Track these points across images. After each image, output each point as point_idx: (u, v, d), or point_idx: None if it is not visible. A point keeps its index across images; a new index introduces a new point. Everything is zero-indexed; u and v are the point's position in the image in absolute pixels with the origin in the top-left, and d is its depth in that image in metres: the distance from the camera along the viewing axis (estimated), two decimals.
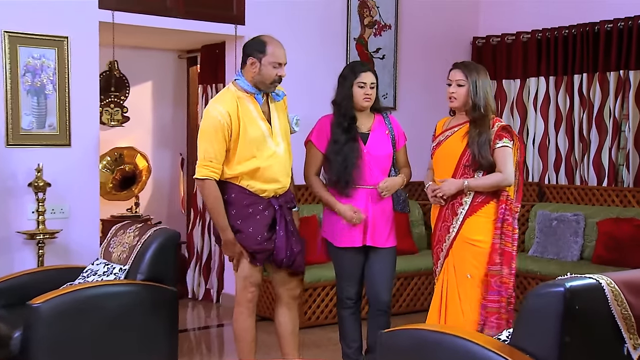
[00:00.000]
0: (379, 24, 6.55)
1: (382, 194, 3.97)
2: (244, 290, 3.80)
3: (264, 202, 3.76)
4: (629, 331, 2.64)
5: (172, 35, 5.96)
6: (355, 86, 3.98)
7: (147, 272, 3.93)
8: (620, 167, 6.19)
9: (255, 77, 3.74)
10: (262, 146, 3.74)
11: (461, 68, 3.80)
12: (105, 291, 3.86)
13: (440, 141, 3.87)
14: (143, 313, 3.87)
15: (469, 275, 3.69)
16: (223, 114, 3.67)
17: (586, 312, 2.54)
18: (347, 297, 4.09)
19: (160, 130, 7.08)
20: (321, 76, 5.94)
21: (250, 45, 3.78)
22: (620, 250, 5.64)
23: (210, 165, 3.67)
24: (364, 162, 3.96)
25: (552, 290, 2.53)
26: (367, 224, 3.98)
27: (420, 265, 6.03)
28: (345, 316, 4.12)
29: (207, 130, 3.68)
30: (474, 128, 3.74)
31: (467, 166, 3.74)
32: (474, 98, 3.73)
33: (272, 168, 3.76)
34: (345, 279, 4.08)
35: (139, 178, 6.62)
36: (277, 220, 3.77)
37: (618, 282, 2.63)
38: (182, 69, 7.07)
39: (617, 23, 6.07)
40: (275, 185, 3.79)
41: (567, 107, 6.41)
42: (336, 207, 3.97)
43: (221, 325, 5.88)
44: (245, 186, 3.74)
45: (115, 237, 4.27)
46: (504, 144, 3.72)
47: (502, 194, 3.71)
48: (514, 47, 6.80)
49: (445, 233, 3.77)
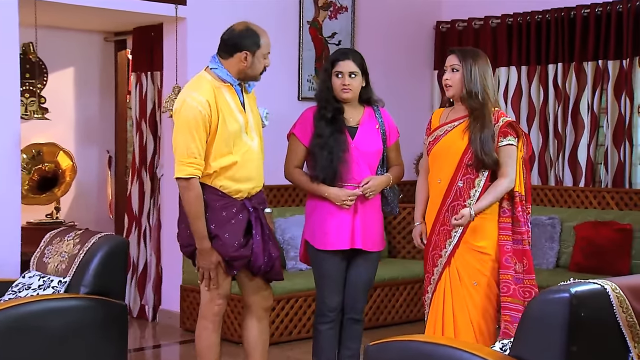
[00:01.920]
0: (335, 5, 6.71)
1: (367, 195, 4.10)
2: (210, 303, 3.87)
3: (237, 204, 3.85)
4: (634, 340, 2.85)
5: (98, 15, 5.96)
6: (333, 76, 4.11)
7: (92, 285, 3.96)
8: (598, 165, 6.48)
9: (246, 71, 3.83)
10: (238, 141, 3.83)
11: (456, 53, 3.95)
12: (44, 307, 3.87)
13: (438, 136, 3.97)
14: (89, 331, 3.90)
15: (475, 282, 3.85)
16: (203, 104, 3.73)
17: (591, 319, 2.72)
18: (329, 309, 4.15)
19: (85, 124, 7.06)
20: (271, 62, 6.03)
21: (243, 37, 3.82)
22: (600, 257, 5.90)
23: (195, 162, 3.73)
24: (352, 157, 4.07)
25: (557, 297, 2.69)
26: (355, 224, 4.10)
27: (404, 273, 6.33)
28: (322, 331, 4.18)
29: (186, 122, 3.72)
30: (475, 121, 3.85)
31: (470, 165, 3.86)
32: (468, 84, 3.86)
33: (247, 165, 3.86)
34: (328, 287, 4.15)
35: (61, 179, 6.59)
36: (252, 223, 3.86)
37: (623, 287, 2.83)
38: (109, 53, 7.07)
39: (594, 8, 6.36)
40: (249, 185, 3.88)
41: (540, 100, 6.69)
42: (326, 192, 4.06)
43: (157, 346, 5.93)
44: (218, 187, 3.82)
45: (51, 246, 4.29)
46: (509, 142, 3.86)
47: (516, 196, 3.86)
48: (482, 33, 7.04)
49: (445, 238, 3.90)
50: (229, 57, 3.84)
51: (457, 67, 3.90)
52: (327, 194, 4.07)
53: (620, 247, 5.87)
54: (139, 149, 6.33)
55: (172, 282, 6.15)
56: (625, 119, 6.20)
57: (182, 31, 5.91)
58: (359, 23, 6.91)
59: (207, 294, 3.88)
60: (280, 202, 6.35)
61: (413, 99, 7.28)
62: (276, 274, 4.00)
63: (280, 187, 6.29)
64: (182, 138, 3.73)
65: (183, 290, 6.03)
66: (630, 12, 6.14)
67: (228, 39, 3.86)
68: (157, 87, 6.30)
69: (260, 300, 4.02)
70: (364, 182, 4.09)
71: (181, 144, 3.73)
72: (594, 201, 6.35)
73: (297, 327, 5.76)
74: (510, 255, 3.85)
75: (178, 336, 5.98)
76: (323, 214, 4.11)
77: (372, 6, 6.99)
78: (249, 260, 3.87)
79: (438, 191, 3.95)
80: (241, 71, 3.85)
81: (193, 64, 5.84)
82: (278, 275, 4.03)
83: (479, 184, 3.87)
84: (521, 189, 3.88)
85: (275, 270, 3.98)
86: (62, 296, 3.96)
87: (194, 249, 3.87)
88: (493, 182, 3.89)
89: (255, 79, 3.92)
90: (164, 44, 6.10)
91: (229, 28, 3.92)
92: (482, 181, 3.87)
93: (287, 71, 6.48)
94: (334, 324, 4.18)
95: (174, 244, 5.92)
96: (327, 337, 4.18)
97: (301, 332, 5.76)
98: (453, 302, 3.87)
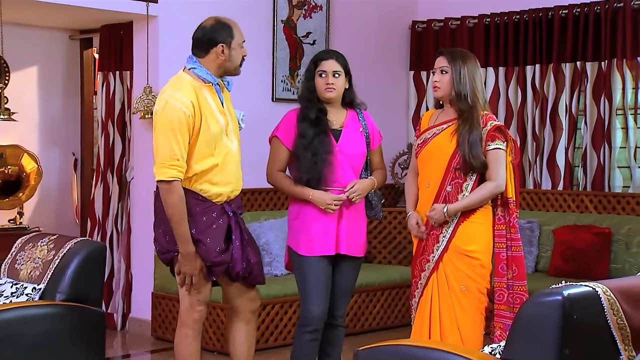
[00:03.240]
0: (309, 4, 6.79)
1: (352, 199, 4.17)
2: (190, 309, 3.91)
3: (217, 208, 3.91)
4: (624, 342, 2.97)
5: (63, 12, 5.97)
6: (317, 75, 4.19)
7: (68, 292, 3.99)
8: (576, 168, 6.64)
9: (226, 64, 3.91)
10: (219, 143, 3.89)
11: (445, 54, 4.05)
12: (19, 315, 3.88)
13: (426, 139, 4.06)
14: (66, 339, 3.92)
15: (463, 287, 3.94)
16: (187, 105, 3.78)
17: (583, 322, 2.83)
18: (314, 317, 4.14)
19: (49, 125, 7.05)
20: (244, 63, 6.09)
21: (216, 32, 3.90)
22: (579, 261, 6.04)
23: (177, 164, 3.77)
24: (337, 160, 4.14)
25: (549, 300, 2.80)
26: (340, 229, 4.16)
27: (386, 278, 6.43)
28: (305, 342, 4.18)
29: (169, 123, 3.76)
30: (463, 124, 3.94)
31: (458, 169, 3.95)
32: (457, 86, 3.95)
33: (226, 168, 3.92)
34: (314, 294, 4.15)
35: (25, 182, 6.58)
36: (232, 228, 3.92)
37: (614, 290, 2.94)
38: (74, 52, 7.07)
39: (572, 9, 6.52)
40: (228, 188, 3.95)
41: (518, 102, 6.83)
42: (310, 194, 4.11)
43: (127, 356, 5.95)
44: (198, 191, 3.87)
45: (23, 252, 4.31)
46: (497, 145, 3.95)
47: (510, 202, 3.96)
48: (459, 33, 7.17)
49: (434, 242, 3.99)
50: (206, 55, 3.92)
51: (446, 68, 3.99)
52: (311, 196, 4.11)
53: (599, 251, 6.01)
54: (105, 150, 6.35)
55: (143, 289, 6.17)
56: (604, 121, 6.35)
57: (153, 30, 5.95)
58: (334, 22, 6.99)
59: (186, 300, 3.92)
60: (254, 207, 6.40)
61: (389, 101, 7.38)
62: (255, 279, 4.06)
63: (255, 191, 6.35)
64: (164, 140, 3.77)
65: (155, 297, 6.05)
66: (608, 13, 6.30)
67: (201, 36, 3.94)
68: (126, 87, 6.32)
69: (246, 303, 4.08)
70: (350, 186, 4.15)
71: (163, 146, 3.77)
72: (572, 205, 6.49)
73: (273, 334, 5.82)
74: (505, 263, 3.96)
75: (149, 345, 6.01)
76: (307, 219, 4.16)
77: (347, 5, 7.08)
78: (228, 265, 3.93)
79: (427, 195, 4.04)
80: (221, 66, 3.92)
81: (165, 64, 5.89)
82: (257, 280, 4.08)
83: (467, 188, 3.96)
84: (513, 195, 3.98)
85: (254, 275, 4.04)
86: (37, 303, 3.98)
87: (173, 255, 3.91)
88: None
89: (236, 71, 3.99)
90: (134, 42, 6.13)
91: (198, 26, 4.00)
92: (469, 185, 3.96)
93: (261, 72, 6.54)
94: (318, 334, 4.19)
95: (145, 250, 6.02)
96: (310, 347, 4.20)
97: (277, 339, 5.83)
98: (440, 306, 3.96)
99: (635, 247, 5.97)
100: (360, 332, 6.30)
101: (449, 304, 3.95)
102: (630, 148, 6.30)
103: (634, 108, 6.35)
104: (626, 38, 6.24)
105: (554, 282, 5.61)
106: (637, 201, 6.19)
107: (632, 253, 5.96)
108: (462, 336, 3.92)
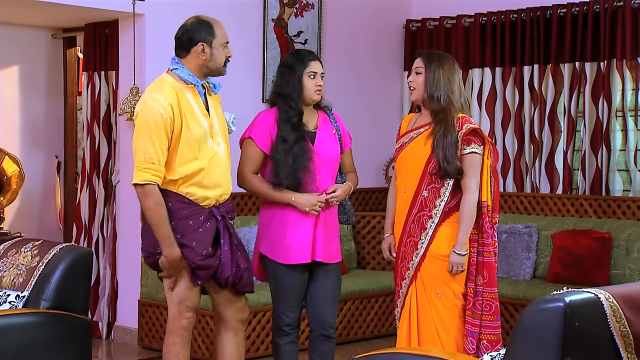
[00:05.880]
0: (301, 2, 6.81)
1: (331, 202, 4.21)
2: (179, 317, 3.93)
3: (204, 212, 3.92)
4: (627, 350, 2.99)
5: (45, 9, 5.96)
6: (306, 76, 4.19)
7: (53, 299, 4.00)
8: (575, 171, 6.67)
9: (208, 64, 3.92)
10: (204, 146, 3.91)
11: (422, 55, 4.12)
12: (2, 323, 3.87)
13: (403, 143, 4.14)
14: (51, 348, 3.93)
15: (439, 293, 3.99)
16: (165, 107, 3.80)
17: (585, 329, 2.86)
18: (287, 324, 4.25)
19: (31, 127, 7.04)
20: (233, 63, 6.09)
21: (196, 30, 3.92)
22: (579, 267, 6.06)
23: (152, 168, 3.79)
24: (314, 165, 4.17)
25: (551, 306, 2.82)
26: (316, 236, 4.19)
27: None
28: (282, 345, 4.27)
29: (146, 125, 3.79)
30: (438, 126, 4.00)
31: (434, 174, 4.01)
32: (430, 87, 4.01)
33: (214, 171, 3.93)
34: (286, 302, 4.24)
35: (7, 186, 6.58)
36: (220, 232, 3.93)
37: (616, 296, 2.97)
38: (57, 51, 7.07)
39: (571, 8, 6.54)
40: (217, 192, 3.96)
41: (515, 103, 6.85)
42: (293, 197, 4.12)
43: None
44: (184, 194, 3.89)
45: (6, 258, 4.31)
46: (473, 149, 4.01)
47: (483, 206, 4.01)
48: (454, 32, 7.18)
49: (412, 250, 4.05)
50: (187, 54, 3.93)
51: (421, 70, 4.06)
52: (294, 200, 4.13)
53: (598, 256, 6.03)
54: (90, 153, 6.35)
55: (129, 297, 6.17)
56: (603, 123, 6.37)
57: (140, 28, 5.95)
58: (326, 21, 7.01)
59: (175, 307, 3.94)
60: (244, 211, 6.41)
61: (382, 101, 7.41)
62: (245, 286, 4.07)
63: (245, 195, 6.36)
64: (141, 142, 3.81)
65: (141, 305, 6.05)
66: (608, 12, 6.32)
67: (181, 35, 3.96)
68: (112, 88, 6.32)
69: (234, 313, 4.09)
70: (331, 190, 4.20)
71: (139, 149, 3.81)
72: (571, 209, 6.52)
73: (264, 342, 5.83)
74: (474, 268, 4.03)
75: (135, 354, 6.01)
76: (282, 225, 4.18)
77: (340, 3, 7.10)
78: (215, 271, 3.94)
79: (404, 201, 4.11)
80: (202, 66, 3.93)
81: (152, 64, 5.89)
82: (247, 287, 4.09)
83: (445, 193, 4.03)
84: (488, 199, 4.03)
85: (244, 282, 4.05)
86: (21, 311, 3.98)
87: (157, 258, 3.92)
88: (457, 190, 4.03)
89: (219, 72, 4.00)
90: (120, 42, 6.13)
91: (181, 25, 4.02)
92: (447, 190, 4.02)
93: (251, 72, 6.56)
94: (294, 337, 4.27)
95: (131, 256, 6.02)
96: (288, 351, 4.26)
97: (268, 348, 5.83)
98: (419, 314, 4.02)
99: (636, 252, 5.99)
100: (353, 340, 6.31)
101: (427, 311, 4.01)
102: (629, 151, 6.33)
103: (634, 110, 6.38)
104: (626, 38, 6.27)
105: (553, 288, 5.69)
106: (637, 205, 6.22)
107: (633, 259, 5.98)
108: (441, 343, 3.97)
